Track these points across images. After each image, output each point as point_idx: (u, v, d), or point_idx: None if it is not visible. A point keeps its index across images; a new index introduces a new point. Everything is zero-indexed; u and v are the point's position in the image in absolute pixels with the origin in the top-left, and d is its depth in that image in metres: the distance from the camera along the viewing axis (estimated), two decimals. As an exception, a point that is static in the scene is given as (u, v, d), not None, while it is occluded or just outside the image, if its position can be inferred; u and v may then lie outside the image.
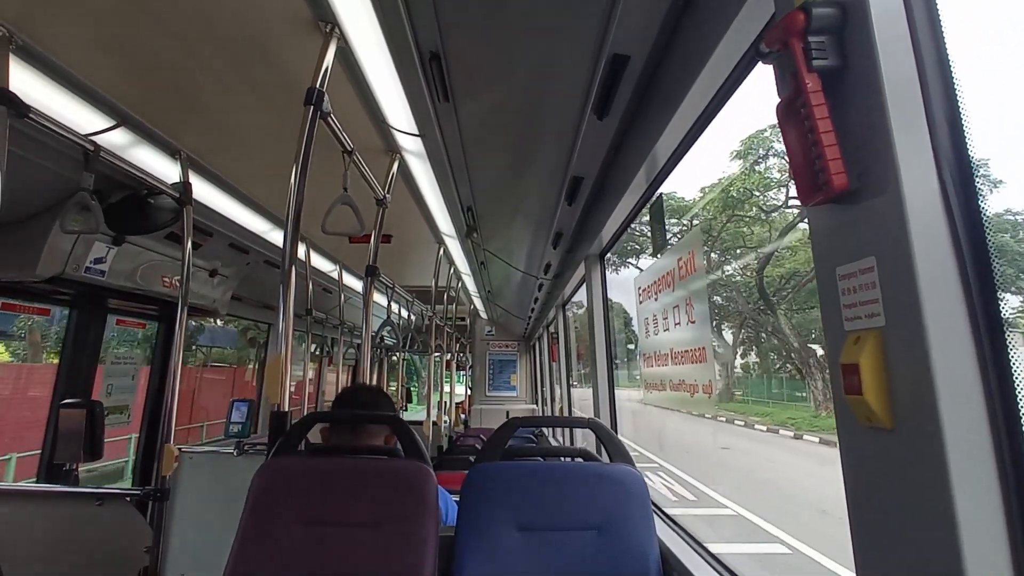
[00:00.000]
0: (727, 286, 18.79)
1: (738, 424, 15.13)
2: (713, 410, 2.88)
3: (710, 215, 18.78)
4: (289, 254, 1.54)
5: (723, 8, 1.12)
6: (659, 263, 2.04)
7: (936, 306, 0.62)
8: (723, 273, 18.92)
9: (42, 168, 1.96)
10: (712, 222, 19.37)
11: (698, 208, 19.43)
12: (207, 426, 10.67)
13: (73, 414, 2.25)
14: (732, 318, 19.04)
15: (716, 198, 18.36)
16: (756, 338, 18.76)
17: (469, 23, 1.49)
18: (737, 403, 17.75)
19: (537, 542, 1.47)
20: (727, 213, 18.06)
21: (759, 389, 17.82)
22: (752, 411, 16.13)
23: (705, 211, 19.25)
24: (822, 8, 0.72)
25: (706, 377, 1.67)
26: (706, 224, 19.48)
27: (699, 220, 19.91)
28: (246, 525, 1.37)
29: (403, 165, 2.40)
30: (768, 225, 17.31)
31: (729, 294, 19.11)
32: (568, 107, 1.89)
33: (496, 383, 8.97)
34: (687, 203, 19.83)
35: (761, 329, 17.75)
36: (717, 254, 19.41)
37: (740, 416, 15.75)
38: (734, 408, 17.02)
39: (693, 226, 19.87)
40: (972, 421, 0.61)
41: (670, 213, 20.29)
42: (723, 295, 19.52)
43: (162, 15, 1.46)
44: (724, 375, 18.84)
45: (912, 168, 0.65)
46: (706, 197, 18.95)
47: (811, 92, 0.72)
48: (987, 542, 0.59)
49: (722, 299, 19.58)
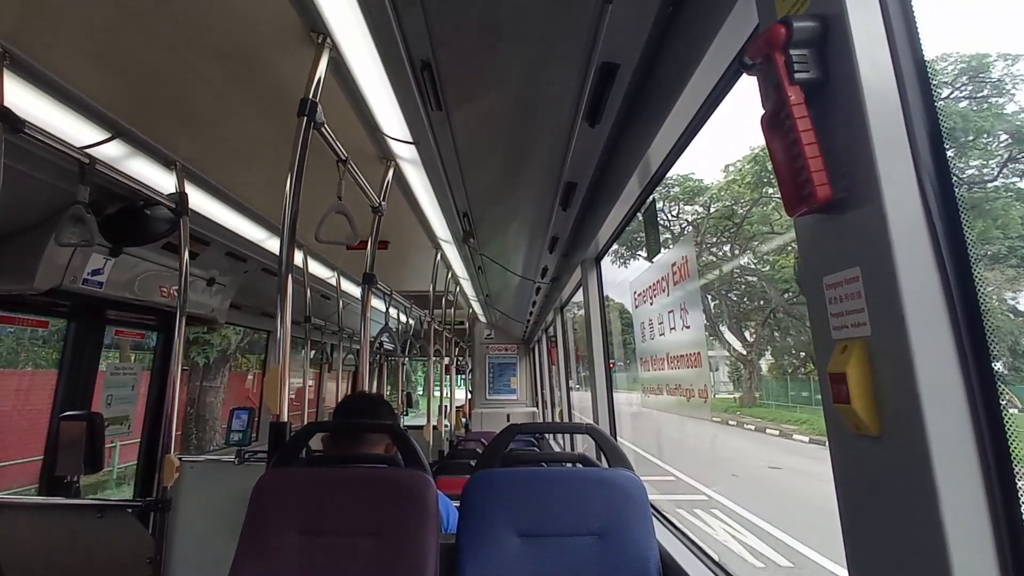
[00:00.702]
0: (754, 274, 17.85)
1: (771, 433, 13.83)
2: (708, 415, 2.64)
3: (736, 194, 17.86)
4: (286, 262, 1.54)
5: (709, 19, 1.13)
6: (654, 267, 2.05)
7: (919, 315, 0.63)
8: (749, 261, 17.98)
9: (37, 181, 1.96)
10: (734, 206, 18.34)
11: (720, 189, 18.56)
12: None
13: (73, 426, 2.25)
14: (755, 313, 18.18)
15: (747, 171, 17.35)
16: (785, 333, 17.95)
17: (459, 33, 1.50)
18: (761, 408, 16.77)
19: (538, 548, 1.48)
20: (759, 192, 17.15)
21: (780, 392, 16.78)
22: (783, 417, 14.84)
23: (728, 191, 18.23)
24: (803, 22, 0.73)
25: (701, 381, 1.68)
26: (726, 209, 18.59)
27: (718, 204, 18.88)
28: (246, 535, 1.38)
29: (398, 172, 2.41)
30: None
31: (752, 287, 18.20)
32: (560, 114, 1.91)
33: (496, 386, 8.97)
34: (706, 185, 19.22)
35: (795, 322, 16.79)
36: (737, 245, 18.64)
37: (770, 423, 14.42)
38: (760, 414, 15.89)
39: (711, 212, 19.25)
40: (956, 427, 0.62)
41: (688, 196, 19.35)
42: (743, 288, 18.75)
43: (156, 28, 1.47)
44: (747, 377, 18.07)
45: (893, 179, 0.66)
46: (736, 171, 17.89)
47: (794, 104, 0.73)
48: (973, 544, 0.60)
49: (740, 293, 18.84)
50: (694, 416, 1.69)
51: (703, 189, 19.28)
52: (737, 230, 18.27)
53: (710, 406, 1.65)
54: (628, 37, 1.45)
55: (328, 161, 1.88)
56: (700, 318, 1.73)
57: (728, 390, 20.52)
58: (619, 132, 1.96)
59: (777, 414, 15.53)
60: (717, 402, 18.85)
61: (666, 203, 19.87)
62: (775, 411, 15.89)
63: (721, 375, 20.92)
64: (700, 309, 1.75)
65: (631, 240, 16.68)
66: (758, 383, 18.13)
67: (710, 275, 19.06)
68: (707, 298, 18.83)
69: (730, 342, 19.02)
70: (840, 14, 0.71)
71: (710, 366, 15.12)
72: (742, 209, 18.18)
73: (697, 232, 19.27)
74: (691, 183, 19.58)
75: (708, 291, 18.82)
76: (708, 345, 13.24)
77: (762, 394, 17.86)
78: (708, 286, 18.83)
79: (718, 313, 18.96)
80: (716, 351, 19.65)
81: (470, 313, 8.06)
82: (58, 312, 2.80)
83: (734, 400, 19.06)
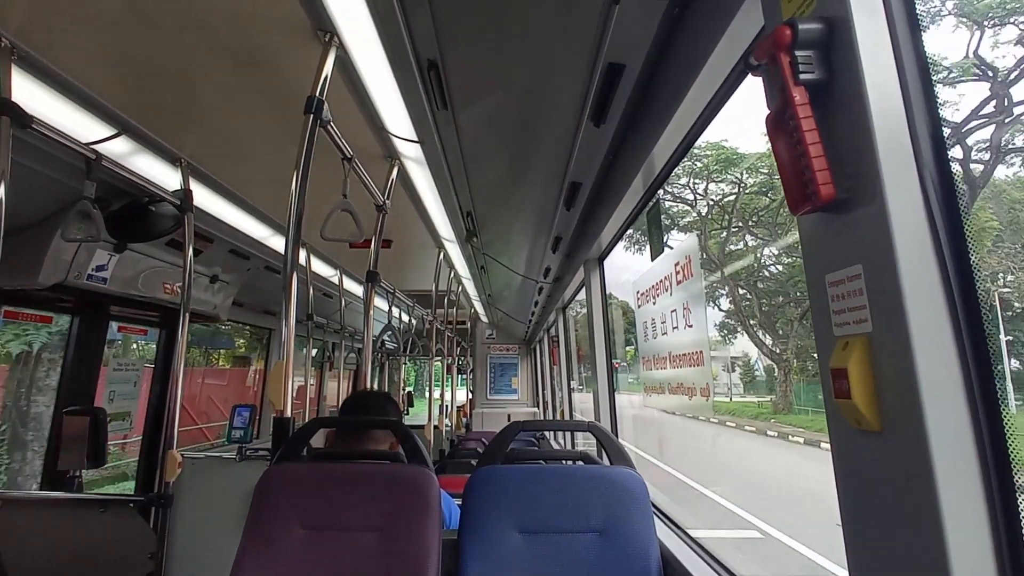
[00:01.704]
0: (795, 253, 16.03)
1: (825, 448, 11.37)
2: (710, 413, 2.40)
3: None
4: (291, 260, 1.55)
5: (715, 20, 1.14)
6: (657, 267, 2.06)
7: (920, 312, 0.64)
8: (793, 243, 16.02)
9: (44, 177, 1.98)
10: (774, 178, 15.77)
11: (759, 158, 16.91)
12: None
13: (76, 421, 2.26)
14: (791, 307, 16.22)
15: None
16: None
17: (466, 32, 1.51)
18: (801, 415, 14.44)
19: (539, 545, 1.49)
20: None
21: (809, 398, 14.72)
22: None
23: (769, 160, 16.10)
24: (808, 24, 0.74)
25: (703, 380, 1.69)
26: (767, 182, 16.78)
27: (755, 178, 17.22)
28: (249, 531, 1.39)
29: (403, 171, 2.42)
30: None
31: (794, 269, 16.14)
32: (565, 114, 1.92)
33: (497, 386, 8.98)
34: (742, 154, 17.45)
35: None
36: (778, 227, 16.91)
37: (818, 434, 11.73)
38: (803, 422, 13.66)
39: (745, 186, 17.54)
40: (956, 423, 0.63)
41: (723, 166, 17.57)
42: (780, 275, 16.92)
43: (163, 25, 1.48)
44: (781, 380, 15.65)
45: (896, 179, 0.67)
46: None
47: (798, 104, 0.74)
48: (971, 540, 0.61)
49: (778, 282, 16.90)
50: (696, 414, 1.70)
51: (738, 159, 17.54)
52: (780, 207, 16.38)
53: (711, 404, 1.66)
54: (634, 38, 1.46)
55: (332, 159, 1.89)
56: (703, 317, 1.73)
57: (739, 392, 18.62)
58: (624, 132, 1.97)
59: (822, 423, 13.89)
60: (740, 407, 17.05)
61: (691, 179, 18.15)
62: (817, 419, 13.50)
63: (733, 376, 19.11)
64: (703, 308, 1.76)
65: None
66: (790, 388, 15.58)
67: (738, 262, 17.42)
68: (736, 289, 17.12)
69: (761, 339, 16.72)
70: (845, 16, 0.72)
71: (731, 367, 14.27)
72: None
73: (726, 213, 17.71)
74: (725, 152, 17.39)
75: (736, 280, 17.16)
76: (726, 343, 12.48)
77: (778, 400, 15.61)
78: (736, 274, 17.21)
79: (747, 305, 17.06)
80: (729, 350, 17.96)
81: (472, 313, 8.07)
82: (62, 308, 2.81)
83: (758, 405, 16.77)
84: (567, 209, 2.81)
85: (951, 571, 0.60)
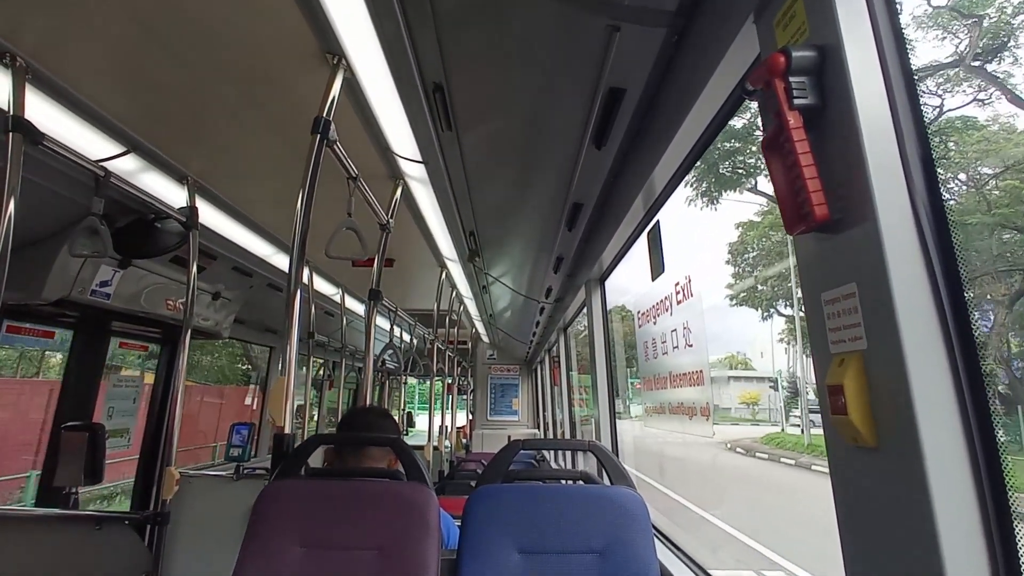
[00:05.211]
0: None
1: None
2: (710, 431, 2.07)
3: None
4: (295, 278, 1.56)
5: (713, 47, 1.18)
6: (656, 288, 2.08)
7: (913, 328, 0.66)
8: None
9: (53, 193, 2.00)
10: None
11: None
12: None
13: (74, 437, 2.25)
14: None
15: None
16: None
17: (471, 56, 1.55)
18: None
19: (539, 565, 1.48)
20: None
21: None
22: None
23: None
24: (801, 51, 0.77)
25: (703, 400, 1.69)
26: None
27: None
28: (247, 548, 1.38)
29: (406, 191, 2.44)
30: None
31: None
32: (567, 136, 1.95)
33: (498, 407, 8.92)
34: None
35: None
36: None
37: None
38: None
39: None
40: (950, 439, 0.64)
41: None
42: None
43: (173, 46, 1.51)
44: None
45: (887, 199, 0.69)
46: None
47: (793, 128, 0.76)
48: (967, 555, 0.61)
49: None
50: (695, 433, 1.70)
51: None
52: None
53: (712, 423, 1.66)
54: (635, 63, 1.50)
55: (336, 179, 1.92)
56: (704, 338, 1.74)
57: (774, 420, 16.04)
58: (625, 155, 2.01)
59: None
60: (789, 439, 13.16)
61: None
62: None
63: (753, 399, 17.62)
64: (704, 328, 1.77)
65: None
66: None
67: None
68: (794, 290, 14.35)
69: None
70: (836, 44, 0.75)
71: (778, 386, 13.53)
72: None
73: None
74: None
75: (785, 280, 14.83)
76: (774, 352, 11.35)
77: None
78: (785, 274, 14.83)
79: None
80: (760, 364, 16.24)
81: (473, 333, 8.06)
82: (64, 323, 2.82)
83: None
84: (569, 230, 2.84)
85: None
